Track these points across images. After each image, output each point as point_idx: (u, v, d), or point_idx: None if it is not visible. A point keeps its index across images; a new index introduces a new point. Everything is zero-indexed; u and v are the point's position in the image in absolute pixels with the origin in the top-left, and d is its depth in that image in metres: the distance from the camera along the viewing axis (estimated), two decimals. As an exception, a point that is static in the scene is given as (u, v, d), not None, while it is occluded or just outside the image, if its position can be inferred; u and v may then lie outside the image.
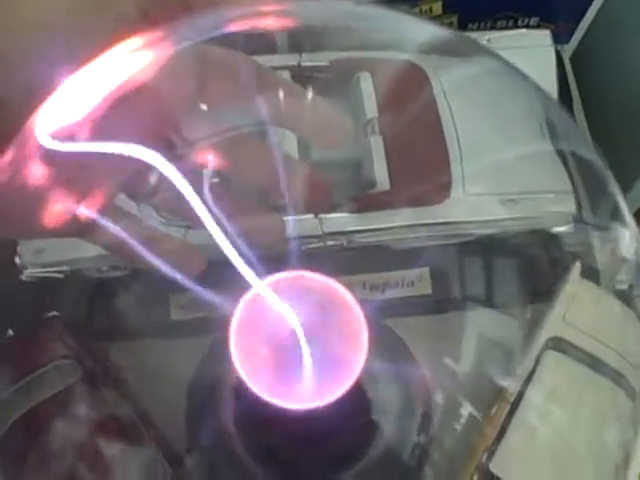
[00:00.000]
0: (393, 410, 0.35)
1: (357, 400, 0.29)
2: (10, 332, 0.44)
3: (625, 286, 0.38)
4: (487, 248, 0.46)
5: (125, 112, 0.23)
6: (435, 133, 0.44)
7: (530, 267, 0.45)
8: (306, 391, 0.25)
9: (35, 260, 0.44)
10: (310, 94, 0.29)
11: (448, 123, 0.44)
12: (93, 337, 0.45)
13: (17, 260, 0.44)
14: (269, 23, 0.24)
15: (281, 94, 0.28)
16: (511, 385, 0.41)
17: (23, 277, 0.45)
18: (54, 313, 0.45)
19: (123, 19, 0.22)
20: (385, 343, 0.37)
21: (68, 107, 0.22)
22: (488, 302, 0.45)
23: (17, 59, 0.21)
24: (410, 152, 0.43)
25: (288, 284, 0.27)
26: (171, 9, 0.22)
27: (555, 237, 0.45)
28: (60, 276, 0.45)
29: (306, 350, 0.26)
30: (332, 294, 0.28)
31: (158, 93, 0.24)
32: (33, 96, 0.21)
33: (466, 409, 0.37)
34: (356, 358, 0.26)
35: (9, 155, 0.21)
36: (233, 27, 0.23)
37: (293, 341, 0.26)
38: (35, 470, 0.39)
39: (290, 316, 0.26)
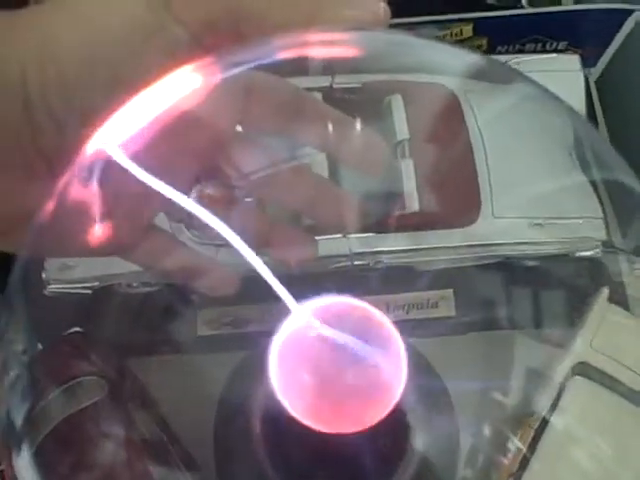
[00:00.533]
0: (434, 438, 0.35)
1: (395, 426, 0.29)
2: (39, 346, 0.44)
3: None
4: (512, 271, 0.46)
5: (174, 139, 0.23)
6: (465, 157, 0.44)
7: (557, 292, 0.45)
8: (345, 417, 0.25)
9: (60, 276, 0.44)
10: (354, 122, 0.29)
11: (479, 147, 0.45)
12: (120, 353, 0.45)
13: (43, 275, 0.44)
14: (317, 52, 0.24)
15: (324, 121, 0.28)
16: (535, 412, 0.41)
17: (46, 292, 0.45)
18: (77, 329, 0.45)
19: (175, 46, 0.22)
20: (417, 366, 0.37)
21: (121, 134, 0.22)
22: (512, 323, 0.45)
23: (73, 89, 0.22)
24: (440, 175, 0.44)
25: (327, 308, 0.27)
26: (223, 36, 0.23)
27: (583, 261, 0.45)
28: (88, 292, 0.45)
29: (346, 375, 0.26)
30: (370, 319, 0.28)
31: (206, 120, 0.25)
32: (87, 124, 0.21)
33: (513, 443, 0.36)
34: (395, 383, 0.26)
35: (63, 179, 0.22)
36: (282, 55, 0.23)
37: (333, 366, 0.26)
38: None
39: (332, 341, 0.26)
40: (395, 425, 0.28)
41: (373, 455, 0.27)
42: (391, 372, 0.26)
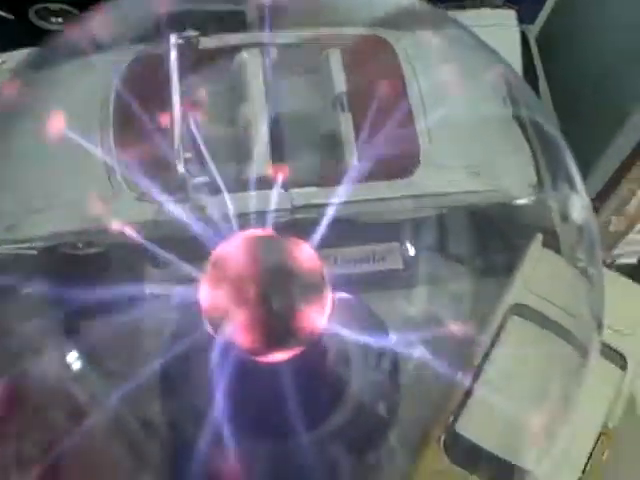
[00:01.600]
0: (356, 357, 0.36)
1: (320, 353, 0.30)
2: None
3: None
4: (453, 221, 0.47)
5: None
6: (403, 107, 0.45)
7: (495, 239, 0.47)
8: (271, 345, 0.26)
9: (7, 236, 0.44)
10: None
11: (416, 97, 0.45)
12: (68, 314, 0.45)
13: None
14: None
15: None
16: (477, 351, 0.42)
17: (-6, 253, 0.45)
18: (28, 290, 0.45)
19: None
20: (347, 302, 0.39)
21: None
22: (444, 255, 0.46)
23: None
24: (378, 126, 0.44)
25: (255, 242, 0.28)
26: None
27: (517, 208, 0.46)
28: (33, 252, 0.45)
29: (273, 305, 0.27)
30: (296, 252, 0.29)
31: None
32: None
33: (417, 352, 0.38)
34: (319, 311, 0.27)
35: None
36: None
37: (261, 296, 0.27)
38: (13, 439, 0.39)
39: (256, 270, 0.27)
40: (318, 353, 0.29)
41: (299, 381, 0.28)
42: (315, 301, 0.27)
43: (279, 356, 0.26)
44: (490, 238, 0.46)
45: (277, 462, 0.33)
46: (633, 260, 0.63)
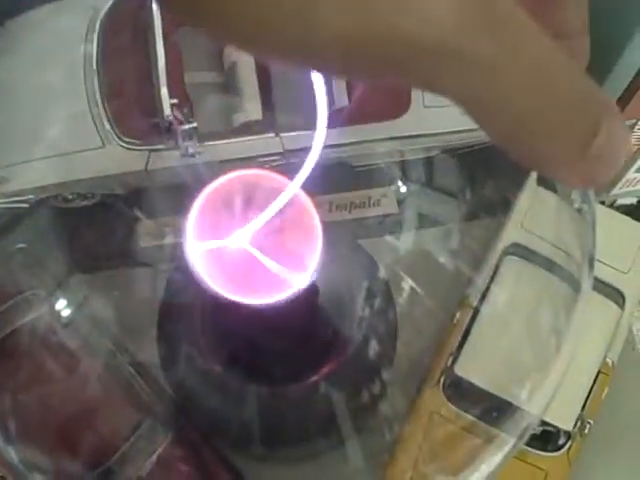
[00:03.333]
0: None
1: (311, 294, 0.29)
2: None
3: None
4: (448, 161, 0.47)
5: None
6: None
7: (491, 178, 0.46)
8: (262, 288, 0.26)
9: (-1, 190, 0.44)
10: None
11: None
12: (63, 268, 0.45)
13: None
14: None
15: None
16: (473, 291, 0.42)
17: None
18: (21, 245, 0.45)
19: None
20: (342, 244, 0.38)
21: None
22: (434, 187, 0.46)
23: None
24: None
25: (247, 181, 0.27)
26: None
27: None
28: (25, 205, 0.45)
29: (263, 249, 0.26)
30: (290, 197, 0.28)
31: None
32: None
33: (407, 283, 0.38)
34: (310, 255, 0.26)
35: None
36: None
37: (253, 239, 0.27)
38: (10, 395, 0.39)
39: (248, 214, 0.26)
40: (312, 292, 0.29)
41: (292, 322, 0.28)
42: (306, 245, 0.27)
43: (271, 299, 0.26)
44: (483, 176, 0.45)
45: (269, 406, 0.33)
46: (633, 200, 0.63)
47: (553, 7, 0.21)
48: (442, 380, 0.41)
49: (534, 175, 0.44)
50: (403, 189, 0.47)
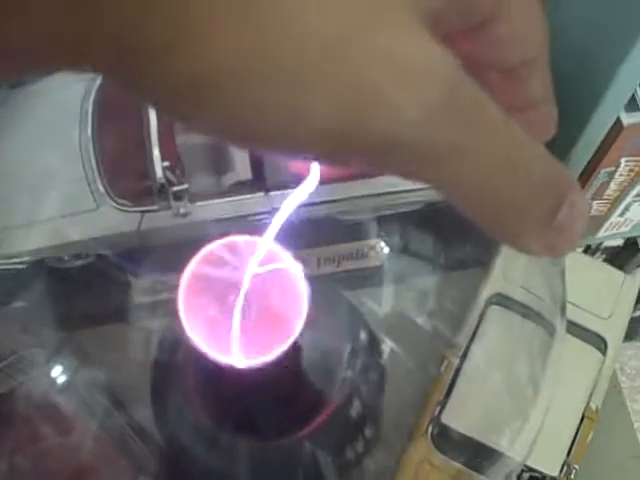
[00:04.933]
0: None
1: (297, 355, 0.31)
2: (-23, 323, 0.45)
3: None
4: (430, 217, 0.48)
5: None
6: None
7: (474, 231, 0.47)
8: (247, 349, 0.27)
9: (-3, 252, 0.45)
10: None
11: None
12: (60, 325, 0.46)
13: (-23, 253, 0.45)
14: None
15: None
16: (457, 342, 0.43)
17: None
18: (18, 304, 0.46)
19: None
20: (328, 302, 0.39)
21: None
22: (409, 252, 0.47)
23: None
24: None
25: (236, 247, 0.29)
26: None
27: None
28: (22, 267, 0.46)
29: (249, 311, 0.28)
30: (277, 259, 0.29)
31: None
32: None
33: (393, 348, 0.39)
34: (295, 319, 0.28)
35: None
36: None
37: (238, 302, 0.28)
38: (6, 457, 0.40)
39: (236, 277, 0.27)
40: (298, 354, 0.30)
41: (279, 382, 0.29)
42: (293, 306, 0.28)
43: (258, 361, 0.27)
44: (460, 233, 0.47)
45: (259, 461, 0.34)
46: (619, 242, 0.64)
47: (516, 82, 0.23)
48: (430, 429, 0.42)
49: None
50: (385, 249, 0.49)
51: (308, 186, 0.26)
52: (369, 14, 0.16)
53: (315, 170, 0.26)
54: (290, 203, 0.25)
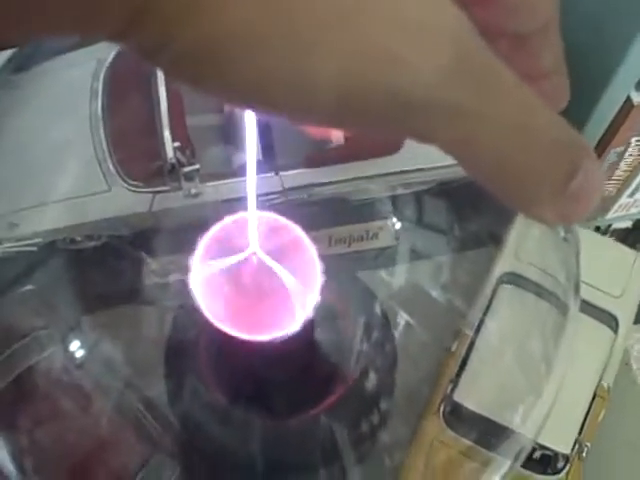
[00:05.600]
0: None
1: (310, 331, 0.31)
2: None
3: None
4: (443, 194, 0.48)
5: None
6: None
7: (485, 210, 0.47)
8: (261, 325, 0.27)
9: (9, 235, 0.45)
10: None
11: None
12: (71, 307, 0.46)
13: (-8, 236, 0.45)
14: None
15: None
16: (470, 320, 0.43)
17: (-2, 253, 0.46)
18: (30, 287, 0.46)
19: None
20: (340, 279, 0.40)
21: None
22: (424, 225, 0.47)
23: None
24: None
25: (247, 225, 0.29)
26: None
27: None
28: (34, 249, 0.46)
29: (265, 289, 0.28)
30: (290, 235, 0.29)
31: None
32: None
33: (402, 317, 0.39)
34: (308, 294, 0.28)
35: None
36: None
37: (253, 280, 0.28)
38: (26, 433, 0.40)
39: (252, 251, 0.27)
40: (311, 329, 0.30)
41: (293, 358, 0.29)
42: (305, 282, 0.28)
43: (271, 335, 0.27)
44: (473, 210, 0.47)
45: (274, 438, 0.35)
46: (628, 224, 0.64)
47: (528, 50, 0.23)
48: (442, 407, 0.42)
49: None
50: (397, 225, 0.49)
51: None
52: None
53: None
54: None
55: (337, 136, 0.46)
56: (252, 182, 0.26)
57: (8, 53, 0.45)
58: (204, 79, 0.17)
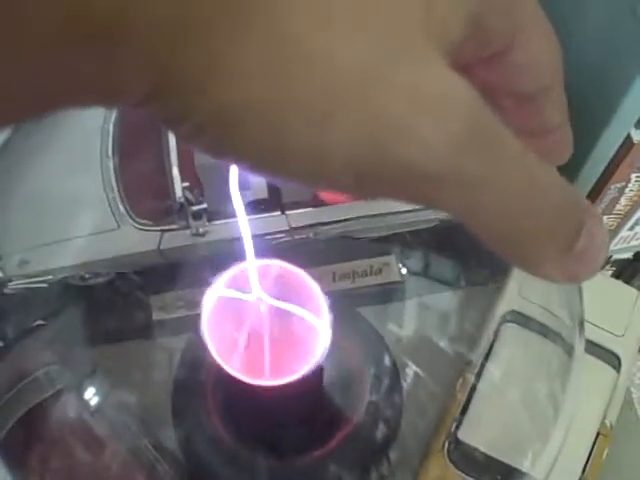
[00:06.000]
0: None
1: (318, 376, 0.31)
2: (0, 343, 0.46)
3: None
4: (451, 236, 0.49)
5: None
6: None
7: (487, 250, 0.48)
8: (270, 370, 0.28)
9: (19, 272, 0.46)
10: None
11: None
12: (81, 343, 0.47)
13: (0, 274, 0.46)
14: None
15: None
16: (474, 359, 0.44)
17: (7, 290, 0.46)
18: (40, 322, 0.47)
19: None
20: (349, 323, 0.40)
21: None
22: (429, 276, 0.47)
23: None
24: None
25: (262, 270, 0.29)
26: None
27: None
28: (44, 285, 0.47)
29: (273, 334, 0.28)
30: (298, 281, 0.30)
31: None
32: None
33: (411, 369, 0.39)
34: (318, 340, 0.28)
35: None
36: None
37: (262, 325, 0.29)
38: (36, 469, 0.41)
39: (259, 300, 0.28)
40: (319, 374, 0.31)
41: (300, 402, 0.30)
42: (316, 329, 0.29)
43: (280, 382, 0.28)
44: (477, 251, 0.47)
45: (281, 478, 0.35)
46: (629, 255, 0.65)
47: (532, 108, 0.23)
48: (446, 446, 0.42)
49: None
50: (403, 270, 0.49)
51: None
52: (393, 49, 0.17)
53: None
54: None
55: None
56: (248, 237, 0.26)
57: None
58: (221, 148, 0.17)
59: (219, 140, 0.17)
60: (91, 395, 0.44)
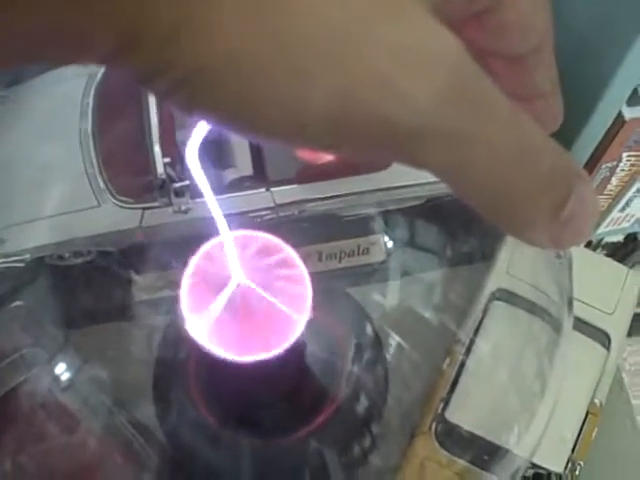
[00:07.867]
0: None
1: (301, 351, 0.30)
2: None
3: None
4: (435, 210, 0.48)
5: None
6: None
7: (469, 226, 0.47)
8: (251, 345, 0.27)
9: (-4, 251, 0.45)
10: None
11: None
12: (61, 324, 0.46)
13: (-22, 252, 0.45)
14: None
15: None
16: (461, 338, 0.43)
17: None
18: (18, 303, 0.46)
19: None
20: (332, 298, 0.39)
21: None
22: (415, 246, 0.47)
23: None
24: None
25: (241, 243, 0.29)
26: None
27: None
28: (21, 265, 0.46)
29: (254, 305, 0.28)
30: (279, 253, 0.29)
31: None
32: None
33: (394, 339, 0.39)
34: (298, 315, 0.27)
35: None
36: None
37: (241, 301, 0.28)
38: (9, 453, 0.40)
39: (240, 272, 0.27)
40: (302, 349, 0.30)
41: (282, 378, 0.29)
42: (297, 302, 0.28)
43: (261, 357, 0.27)
44: (464, 226, 0.46)
45: (263, 459, 0.34)
46: (619, 238, 0.64)
47: (522, 71, 0.23)
48: (433, 426, 0.41)
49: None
50: (389, 243, 0.49)
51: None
52: (376, 4, 0.16)
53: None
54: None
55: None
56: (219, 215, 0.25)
57: (-3, 68, 0.45)
58: (198, 104, 0.17)
59: (195, 96, 0.16)
60: (70, 375, 0.43)
